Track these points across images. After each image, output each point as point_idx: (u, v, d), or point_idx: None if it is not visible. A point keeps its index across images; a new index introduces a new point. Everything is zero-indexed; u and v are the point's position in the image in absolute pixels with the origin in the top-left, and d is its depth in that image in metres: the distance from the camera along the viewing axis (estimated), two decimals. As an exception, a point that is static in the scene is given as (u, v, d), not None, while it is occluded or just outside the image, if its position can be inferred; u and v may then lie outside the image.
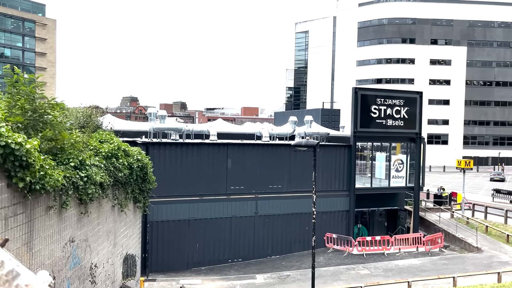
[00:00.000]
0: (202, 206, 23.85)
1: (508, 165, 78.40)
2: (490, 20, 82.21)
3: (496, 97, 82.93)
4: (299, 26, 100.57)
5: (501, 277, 18.11)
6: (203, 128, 29.87)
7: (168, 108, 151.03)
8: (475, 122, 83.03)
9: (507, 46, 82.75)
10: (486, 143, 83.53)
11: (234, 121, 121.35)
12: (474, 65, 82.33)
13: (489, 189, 45.49)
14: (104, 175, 10.48)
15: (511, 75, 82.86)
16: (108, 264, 11.76)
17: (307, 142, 13.00)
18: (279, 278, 20.88)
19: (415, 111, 28.58)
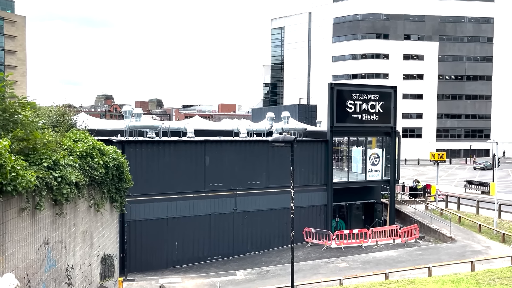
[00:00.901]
0: (180, 204, 23.69)
1: (478, 157, 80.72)
2: (460, 15, 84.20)
3: (467, 91, 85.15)
4: (274, 22, 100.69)
5: (474, 266, 18.67)
6: (180, 125, 29.64)
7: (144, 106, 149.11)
8: (447, 116, 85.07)
9: (477, 41, 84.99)
10: (458, 136, 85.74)
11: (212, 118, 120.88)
12: (446, 59, 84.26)
13: (462, 181, 46.77)
14: (79, 174, 10.27)
15: (481, 69, 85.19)
16: (85, 266, 11.56)
17: (285, 138, 13.05)
18: (259, 273, 20.96)
19: (390, 105, 29.07)
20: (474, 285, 14.47)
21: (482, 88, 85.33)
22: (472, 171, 62.89)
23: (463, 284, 14.71)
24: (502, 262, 19.97)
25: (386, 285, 15.37)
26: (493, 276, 15.91)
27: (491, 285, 14.35)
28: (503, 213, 28.10)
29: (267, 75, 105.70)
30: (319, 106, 47.26)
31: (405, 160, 73.63)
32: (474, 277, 16.05)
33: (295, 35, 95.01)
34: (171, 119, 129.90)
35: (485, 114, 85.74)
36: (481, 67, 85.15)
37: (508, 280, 14.99)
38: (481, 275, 16.40)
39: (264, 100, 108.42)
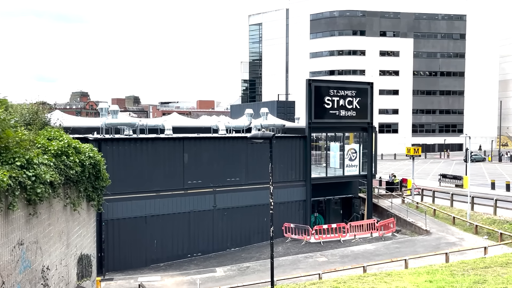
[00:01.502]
0: (159, 202, 23.49)
1: (452, 151, 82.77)
2: (434, 12, 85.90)
3: (441, 87, 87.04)
4: (252, 18, 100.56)
5: (449, 257, 19.16)
6: (157, 122, 29.34)
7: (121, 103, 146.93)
8: (422, 111, 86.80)
9: (450, 38, 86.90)
10: (433, 130, 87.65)
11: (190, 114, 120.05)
12: (420, 56, 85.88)
13: (436, 174, 47.85)
14: (54, 173, 10.06)
15: (454, 66, 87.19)
16: (61, 266, 11.35)
17: (263, 134, 13.07)
18: (239, 270, 20.99)
19: (367, 101, 29.46)
20: (448, 276, 14.85)
21: (455, 84, 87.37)
22: (447, 165, 64.41)
23: (438, 275, 15.08)
24: (475, 253, 20.56)
25: (364, 278, 15.62)
26: (466, 267, 16.36)
27: (465, 275, 14.76)
28: (475, 205, 28.89)
29: (246, 71, 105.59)
30: (297, 102, 47.58)
31: (382, 155, 74.92)
32: (449, 268, 16.47)
33: (273, 31, 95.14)
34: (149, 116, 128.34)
35: (458, 109, 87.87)
36: (454, 63, 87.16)
37: (481, 270, 15.44)
38: (455, 266, 16.84)
39: (242, 96, 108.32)
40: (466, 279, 13.95)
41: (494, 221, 25.71)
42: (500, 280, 13.56)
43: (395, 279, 15.03)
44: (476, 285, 12.99)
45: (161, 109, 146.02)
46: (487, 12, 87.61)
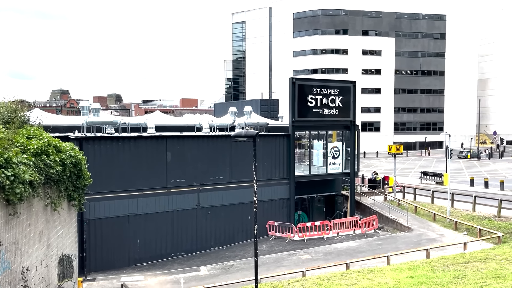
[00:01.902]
0: (141, 201, 23.27)
1: (433, 149, 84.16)
2: (415, 12, 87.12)
3: (422, 85, 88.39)
4: (235, 16, 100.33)
5: (430, 253, 19.51)
6: (140, 121, 29.04)
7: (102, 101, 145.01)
8: (404, 109, 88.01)
9: (431, 37, 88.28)
10: (414, 129, 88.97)
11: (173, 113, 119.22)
12: (402, 55, 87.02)
13: (418, 172, 48.60)
14: (33, 173, 9.87)
15: (434, 65, 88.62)
16: (41, 267, 11.15)
17: (247, 132, 13.07)
18: (223, 268, 20.98)
19: (349, 100, 29.71)
20: (429, 271, 15.12)
21: (435, 83, 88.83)
22: (428, 162, 65.46)
23: (419, 271, 15.34)
24: (455, 249, 20.98)
25: (347, 275, 15.78)
26: (447, 262, 16.69)
27: (445, 271, 15.04)
28: (455, 202, 29.46)
29: (229, 69, 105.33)
30: (281, 101, 47.65)
31: (364, 153, 75.72)
32: (429, 264, 16.77)
33: (256, 29, 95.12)
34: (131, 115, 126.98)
35: (439, 107, 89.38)
36: (435, 62, 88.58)
37: (461, 266, 15.76)
38: (436, 261, 17.16)
39: (226, 94, 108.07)
40: (446, 275, 14.22)
41: (473, 218, 26.27)
42: (479, 275, 13.87)
43: (377, 275, 15.23)
44: (456, 280, 13.25)
45: (143, 107, 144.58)
46: (466, 12, 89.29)
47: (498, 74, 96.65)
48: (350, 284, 14.05)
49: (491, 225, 24.43)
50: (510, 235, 22.72)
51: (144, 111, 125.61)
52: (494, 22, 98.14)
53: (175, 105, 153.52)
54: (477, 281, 13.03)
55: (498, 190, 37.70)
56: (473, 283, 12.71)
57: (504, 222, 24.64)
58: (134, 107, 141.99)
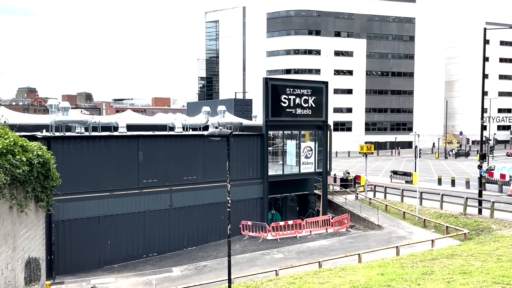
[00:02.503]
0: (112, 202, 22.84)
1: (403, 149, 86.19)
2: (385, 15, 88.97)
3: (392, 87, 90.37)
4: (209, 15, 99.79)
5: (399, 251, 19.97)
6: (111, 120, 28.48)
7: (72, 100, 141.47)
8: (374, 110, 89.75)
9: (401, 40, 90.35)
10: (385, 129, 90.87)
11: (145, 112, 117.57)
12: (373, 56, 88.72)
13: (388, 171, 49.64)
14: (-2, 173, 9.52)
15: (404, 66, 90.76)
16: (7, 270, 10.78)
17: (221, 132, 13.02)
18: (196, 269, 20.83)
19: (322, 100, 30.05)
20: (399, 268, 15.47)
21: (405, 84, 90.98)
22: (398, 162, 66.96)
23: (389, 268, 15.67)
24: (424, 246, 21.55)
25: (320, 273, 15.96)
26: (415, 259, 17.11)
27: (414, 267, 15.42)
28: (424, 200, 30.26)
29: (202, 68, 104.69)
30: (254, 101, 47.70)
31: (336, 153, 76.79)
32: (399, 261, 17.16)
33: (229, 29, 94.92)
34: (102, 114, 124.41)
35: (408, 108, 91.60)
36: (404, 64, 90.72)
37: (429, 262, 16.20)
38: (405, 258, 17.58)
39: (199, 94, 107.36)
40: (415, 271, 14.59)
41: (440, 215, 27.04)
42: (446, 271, 14.29)
43: (349, 273, 15.46)
44: (424, 276, 13.60)
45: (114, 106, 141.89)
46: (434, 16, 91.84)
47: (465, 76, 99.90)
48: (323, 282, 14.21)
49: (457, 222, 25.21)
50: (475, 232, 23.52)
51: (115, 110, 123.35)
52: (461, 26, 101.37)
53: (147, 104, 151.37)
54: (444, 277, 13.41)
55: (464, 188, 38.97)
56: (441, 279, 13.08)
57: (470, 219, 25.48)
58: (105, 106, 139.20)
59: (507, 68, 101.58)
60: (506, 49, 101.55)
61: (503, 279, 12.35)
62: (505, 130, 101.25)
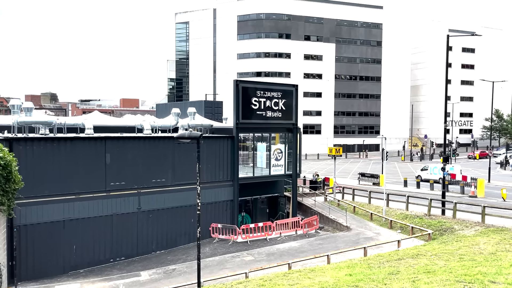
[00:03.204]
0: (78, 205, 22.24)
1: (370, 151, 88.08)
2: (354, 20, 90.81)
3: (360, 90, 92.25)
4: (179, 16, 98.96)
5: (367, 251, 20.36)
6: (77, 121, 27.77)
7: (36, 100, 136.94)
8: (343, 113, 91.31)
9: (368, 45, 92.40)
10: (353, 132, 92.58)
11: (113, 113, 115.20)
12: (342, 60, 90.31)
13: (356, 173, 50.57)
14: (-44, 176, 9.10)
15: (372, 71, 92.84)
16: (-35, 278, 10.29)
17: (190, 134, 12.92)
18: (164, 273, 20.55)
19: (292, 103, 30.33)
20: (366, 269, 15.76)
21: (373, 88, 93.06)
22: (365, 164, 68.34)
23: (357, 268, 15.95)
24: (390, 246, 22.05)
25: (290, 275, 16.06)
26: (382, 259, 17.50)
27: (380, 267, 15.76)
28: (390, 202, 31.00)
29: (172, 70, 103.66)
30: (225, 103, 47.67)
31: (306, 155, 77.63)
32: (367, 261, 17.50)
33: (200, 30, 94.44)
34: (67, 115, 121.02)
35: (376, 112, 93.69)
36: (372, 68, 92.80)
37: (395, 262, 16.59)
38: (373, 259, 17.94)
39: (169, 95, 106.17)
40: (382, 271, 14.91)
41: (406, 216, 27.77)
42: (411, 271, 14.67)
43: (318, 274, 15.63)
44: (390, 276, 13.92)
45: (81, 107, 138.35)
46: (400, 22, 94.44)
47: (429, 81, 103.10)
48: (292, 284, 14.31)
49: (422, 223, 25.95)
50: (439, 232, 24.28)
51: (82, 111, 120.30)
52: (426, 32, 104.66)
53: (115, 105, 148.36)
54: (409, 276, 13.77)
55: (429, 190, 40.19)
56: (406, 278, 13.42)
57: (434, 220, 26.29)
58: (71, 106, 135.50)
59: (468, 74, 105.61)
60: (467, 56, 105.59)
61: (465, 278, 12.80)
62: (467, 134, 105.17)
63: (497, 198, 34.85)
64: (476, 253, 17.27)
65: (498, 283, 11.84)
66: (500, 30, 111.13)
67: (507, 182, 46.35)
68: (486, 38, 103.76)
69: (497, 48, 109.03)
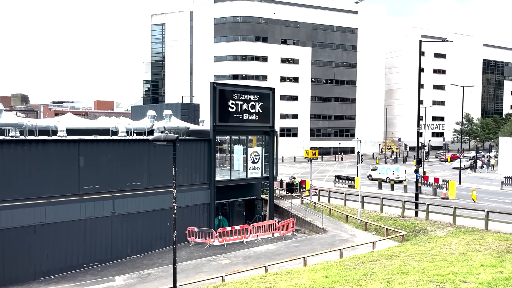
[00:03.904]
0: (50, 209, 21.68)
1: (346, 154, 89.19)
2: (330, 24, 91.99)
3: (336, 94, 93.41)
4: (155, 18, 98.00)
5: (343, 253, 20.59)
6: (49, 123, 27.13)
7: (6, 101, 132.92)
8: (319, 116, 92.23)
9: (344, 49, 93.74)
10: (329, 135, 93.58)
11: (87, 115, 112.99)
12: (318, 64, 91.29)
13: (332, 176, 51.11)
14: None
15: (347, 75, 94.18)
16: None
17: (166, 136, 12.79)
18: (139, 277, 20.24)
19: (269, 106, 30.43)
20: (342, 270, 15.93)
21: (348, 92, 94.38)
22: (341, 167, 69.16)
23: (333, 270, 16.10)
24: (365, 248, 22.36)
25: (266, 278, 16.07)
26: (357, 261, 17.72)
27: (356, 269, 15.95)
28: (365, 204, 31.44)
29: (148, 72, 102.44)
30: (202, 105, 47.33)
31: (283, 158, 78.02)
32: (342, 263, 17.69)
33: (176, 32, 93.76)
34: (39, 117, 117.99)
35: (351, 115, 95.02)
36: (347, 72, 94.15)
37: (370, 263, 16.83)
38: (348, 261, 18.15)
39: (144, 97, 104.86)
40: (357, 272, 15.09)
41: (381, 218, 28.22)
42: (386, 272, 14.91)
43: (294, 276, 15.70)
44: (365, 277, 14.10)
45: (53, 109, 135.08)
46: (375, 27, 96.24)
47: (404, 85, 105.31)
48: (269, 287, 14.32)
49: (396, 224, 26.43)
50: (412, 233, 24.78)
51: (54, 113, 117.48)
52: (400, 37, 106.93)
53: (89, 107, 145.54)
54: (384, 277, 13.98)
55: (402, 192, 41.01)
56: (381, 279, 13.62)
57: (407, 221, 26.81)
58: (43, 108, 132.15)
59: (440, 79, 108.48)
60: (439, 61, 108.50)
61: (437, 278, 13.09)
62: (439, 137, 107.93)
63: (467, 200, 35.87)
64: (448, 253, 17.70)
65: (469, 283, 12.16)
66: (470, 37, 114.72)
67: (476, 184, 47.78)
68: (456, 44, 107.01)
69: (467, 54, 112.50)
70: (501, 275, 12.83)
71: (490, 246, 18.56)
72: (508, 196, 39.34)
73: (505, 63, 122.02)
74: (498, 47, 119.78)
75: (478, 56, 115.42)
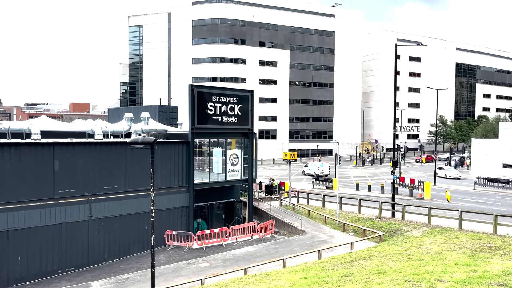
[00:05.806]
0: (24, 214, 21.13)
1: (324, 156, 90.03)
2: (308, 27, 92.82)
3: (314, 96, 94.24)
4: (132, 19, 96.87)
5: (321, 254, 20.76)
6: (23, 126, 26.47)
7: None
8: (298, 119, 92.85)
9: (322, 52, 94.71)
10: (307, 137, 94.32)
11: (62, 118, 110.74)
12: (296, 67, 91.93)
13: (310, 177, 51.50)
14: None
15: (325, 77, 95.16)
16: None
17: (144, 139, 12.66)
18: (117, 282, 19.92)
19: (248, 108, 30.47)
20: (321, 271, 16.06)
21: (326, 94, 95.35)
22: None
23: (311, 271, 16.20)
24: (344, 249, 22.61)
25: (245, 280, 16.06)
26: (336, 262, 17.89)
27: (334, 270, 16.11)
28: (344, 205, 31.80)
29: (125, 74, 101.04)
30: (180, 108, 47.01)
31: (262, 160, 78.13)
32: (321, 264, 17.83)
33: (154, 34, 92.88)
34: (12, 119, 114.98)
35: (329, 117, 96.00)
36: (325, 75, 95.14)
37: (348, 264, 17.02)
38: (327, 262, 18.30)
39: (121, 100, 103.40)
40: (336, 273, 15.24)
41: (358, 219, 28.58)
42: (364, 272, 15.10)
43: (274, 278, 15.73)
44: (344, 278, 14.25)
45: (27, 111, 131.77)
46: (352, 31, 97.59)
47: (380, 88, 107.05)
48: (248, 289, 14.30)
49: (373, 225, 26.81)
50: (389, 233, 25.18)
51: (28, 115, 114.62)
52: (376, 41, 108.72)
53: (64, 110, 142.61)
54: (361, 277, 14.16)
55: (379, 193, 41.65)
56: (359, 280, 13.79)
57: (384, 222, 27.24)
58: (15, 110, 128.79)
59: (415, 81, 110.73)
60: (414, 64, 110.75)
61: (413, 277, 13.33)
62: (414, 139, 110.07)
63: (442, 200, 36.71)
64: (424, 253, 18.06)
65: (444, 281, 12.43)
66: (443, 41, 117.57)
67: (450, 184, 48.96)
68: (430, 47, 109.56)
69: (440, 57, 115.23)
70: (474, 273, 13.17)
71: (464, 245, 19.03)
72: (480, 196, 40.46)
73: (477, 66, 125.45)
74: (470, 51, 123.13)
75: (451, 59, 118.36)
